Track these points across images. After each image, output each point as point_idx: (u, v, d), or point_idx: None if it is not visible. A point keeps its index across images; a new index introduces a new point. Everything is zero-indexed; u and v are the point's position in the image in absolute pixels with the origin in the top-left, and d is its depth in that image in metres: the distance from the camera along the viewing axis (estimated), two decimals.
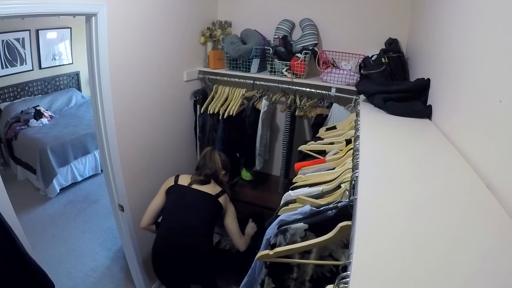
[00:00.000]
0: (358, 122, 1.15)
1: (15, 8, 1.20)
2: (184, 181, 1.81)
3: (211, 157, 1.87)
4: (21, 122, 3.81)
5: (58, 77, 4.68)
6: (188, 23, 2.17)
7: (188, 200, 1.77)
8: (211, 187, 1.80)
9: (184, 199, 1.77)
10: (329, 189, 1.10)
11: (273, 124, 2.49)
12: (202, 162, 1.88)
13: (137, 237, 2.12)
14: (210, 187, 1.80)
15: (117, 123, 1.78)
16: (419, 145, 0.97)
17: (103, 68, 1.63)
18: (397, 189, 0.68)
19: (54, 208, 3.33)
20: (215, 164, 1.86)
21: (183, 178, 1.83)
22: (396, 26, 1.95)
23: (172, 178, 1.85)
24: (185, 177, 1.84)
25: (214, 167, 1.85)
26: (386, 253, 0.49)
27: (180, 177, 1.84)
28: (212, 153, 1.89)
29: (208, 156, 1.87)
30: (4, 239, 1.21)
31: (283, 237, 0.96)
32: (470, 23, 0.95)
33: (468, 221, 0.57)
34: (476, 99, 0.84)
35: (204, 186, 1.79)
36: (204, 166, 1.85)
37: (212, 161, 1.86)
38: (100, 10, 1.52)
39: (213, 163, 1.86)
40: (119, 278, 2.51)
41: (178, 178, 1.83)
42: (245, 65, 2.17)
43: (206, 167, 1.84)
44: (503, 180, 0.65)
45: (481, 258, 0.47)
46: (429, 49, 1.39)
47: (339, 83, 1.95)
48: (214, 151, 1.90)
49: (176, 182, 1.82)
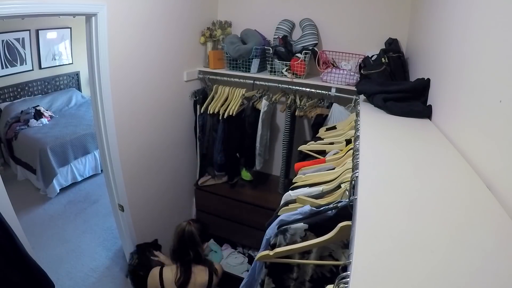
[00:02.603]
0: (358, 122, 1.15)
1: (15, 8, 1.21)
2: (170, 287, 1.56)
3: (191, 237, 1.58)
4: (21, 122, 3.81)
5: (58, 77, 4.68)
6: (188, 23, 2.17)
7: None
8: (200, 281, 1.58)
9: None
10: (329, 189, 1.10)
11: (273, 124, 2.49)
12: (179, 245, 1.60)
13: (137, 237, 2.12)
14: (199, 282, 1.58)
15: (117, 123, 1.78)
16: (419, 145, 0.97)
17: (103, 68, 1.63)
18: (397, 189, 0.68)
19: (54, 208, 3.33)
20: (197, 245, 1.59)
21: (168, 280, 1.57)
22: (396, 26, 1.95)
23: (157, 273, 1.59)
24: (169, 275, 1.57)
25: (196, 249, 1.58)
26: (386, 253, 0.48)
27: (165, 277, 1.58)
28: (188, 230, 1.59)
29: (188, 236, 1.58)
30: (4, 239, 1.22)
31: (283, 237, 0.96)
32: (470, 23, 0.95)
33: (468, 221, 0.57)
34: (476, 99, 0.84)
35: (196, 284, 1.58)
36: (184, 251, 1.58)
37: (192, 241, 1.58)
38: (100, 10, 1.52)
39: (194, 244, 1.59)
40: (119, 278, 2.51)
41: (163, 282, 1.57)
42: (245, 65, 2.17)
43: (187, 253, 1.58)
44: (503, 180, 0.65)
45: (481, 258, 0.47)
46: (429, 49, 1.39)
47: (339, 83, 1.95)
48: (190, 226, 1.60)
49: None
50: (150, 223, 2.25)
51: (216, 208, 2.50)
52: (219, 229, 2.54)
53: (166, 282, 1.58)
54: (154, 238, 2.25)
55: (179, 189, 2.51)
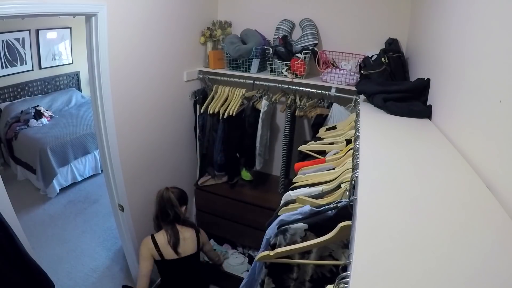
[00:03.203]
0: (358, 122, 1.15)
1: (15, 8, 1.20)
2: (166, 249, 1.74)
3: (169, 200, 1.78)
4: (21, 122, 3.81)
5: (58, 77, 4.68)
6: (188, 23, 2.17)
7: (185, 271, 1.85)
8: (189, 236, 1.81)
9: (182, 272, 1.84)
10: (329, 189, 1.10)
11: (273, 124, 2.49)
12: (159, 208, 1.80)
13: (137, 237, 2.12)
14: (188, 237, 1.81)
15: (117, 123, 1.78)
16: (419, 145, 0.97)
17: (103, 68, 1.63)
18: (397, 189, 0.68)
19: (54, 208, 3.33)
20: (174, 207, 1.78)
21: (162, 243, 1.75)
22: (396, 26, 1.95)
23: (150, 240, 1.76)
24: (162, 238, 1.76)
25: (174, 210, 1.78)
26: (386, 253, 0.48)
27: (158, 241, 1.75)
28: (166, 195, 1.79)
29: (166, 199, 1.78)
30: (4, 239, 1.21)
31: (283, 237, 0.96)
32: (470, 23, 0.95)
33: (468, 221, 0.57)
34: (476, 99, 0.84)
35: (186, 239, 1.79)
36: (164, 213, 1.78)
37: (170, 204, 1.78)
38: (100, 10, 1.52)
39: (172, 205, 1.78)
40: (119, 278, 2.51)
41: (158, 245, 1.74)
42: (245, 65, 2.17)
43: (167, 214, 1.78)
44: (503, 180, 0.65)
45: (481, 258, 0.47)
46: (429, 49, 1.39)
47: (339, 83, 1.95)
48: (167, 191, 1.80)
49: (160, 254, 1.74)
50: (150, 223, 2.24)
51: (216, 208, 2.50)
52: (219, 229, 2.54)
53: (161, 246, 1.74)
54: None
55: None
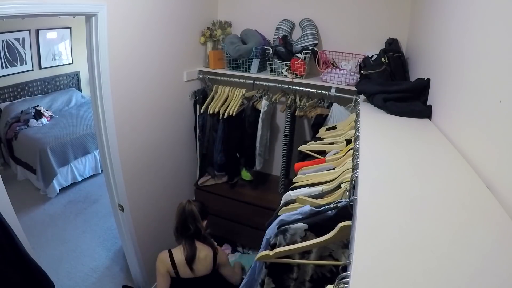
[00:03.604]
0: (358, 122, 1.15)
1: (15, 8, 1.20)
2: (183, 267, 1.66)
3: (191, 213, 1.68)
4: (21, 122, 3.81)
5: (58, 77, 4.68)
6: (188, 23, 2.17)
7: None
8: (205, 256, 1.69)
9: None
10: (329, 189, 1.10)
11: (273, 124, 2.49)
12: (180, 221, 1.69)
13: (137, 237, 2.12)
14: (204, 256, 1.69)
15: (117, 123, 1.78)
16: (419, 145, 0.97)
17: (103, 68, 1.63)
18: (397, 189, 0.68)
19: (54, 208, 3.33)
20: (196, 221, 1.69)
21: (179, 260, 1.66)
22: (396, 26, 1.95)
23: (167, 256, 1.67)
24: (179, 255, 1.67)
25: (196, 224, 1.68)
26: (386, 253, 0.48)
27: (175, 257, 1.66)
28: (188, 207, 1.69)
29: (188, 213, 1.68)
30: (4, 239, 1.22)
31: (283, 237, 0.96)
32: (470, 23, 0.95)
33: (468, 221, 0.57)
34: (476, 99, 0.84)
35: (202, 258, 1.68)
36: (185, 227, 1.68)
37: (192, 217, 1.68)
38: (100, 10, 1.52)
39: (194, 219, 1.68)
40: (119, 278, 2.51)
41: (175, 263, 1.65)
42: (245, 65, 2.17)
43: (188, 228, 1.67)
44: (503, 180, 0.65)
45: (481, 258, 0.47)
46: (429, 49, 1.39)
47: (339, 83, 1.95)
48: (190, 204, 1.70)
49: (176, 272, 1.66)
50: (150, 223, 2.25)
51: (216, 208, 2.50)
52: (219, 229, 2.54)
53: (178, 263, 1.67)
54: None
55: (179, 189, 2.51)
